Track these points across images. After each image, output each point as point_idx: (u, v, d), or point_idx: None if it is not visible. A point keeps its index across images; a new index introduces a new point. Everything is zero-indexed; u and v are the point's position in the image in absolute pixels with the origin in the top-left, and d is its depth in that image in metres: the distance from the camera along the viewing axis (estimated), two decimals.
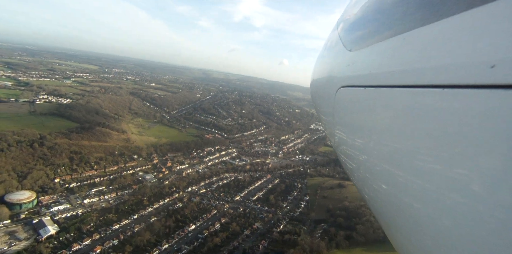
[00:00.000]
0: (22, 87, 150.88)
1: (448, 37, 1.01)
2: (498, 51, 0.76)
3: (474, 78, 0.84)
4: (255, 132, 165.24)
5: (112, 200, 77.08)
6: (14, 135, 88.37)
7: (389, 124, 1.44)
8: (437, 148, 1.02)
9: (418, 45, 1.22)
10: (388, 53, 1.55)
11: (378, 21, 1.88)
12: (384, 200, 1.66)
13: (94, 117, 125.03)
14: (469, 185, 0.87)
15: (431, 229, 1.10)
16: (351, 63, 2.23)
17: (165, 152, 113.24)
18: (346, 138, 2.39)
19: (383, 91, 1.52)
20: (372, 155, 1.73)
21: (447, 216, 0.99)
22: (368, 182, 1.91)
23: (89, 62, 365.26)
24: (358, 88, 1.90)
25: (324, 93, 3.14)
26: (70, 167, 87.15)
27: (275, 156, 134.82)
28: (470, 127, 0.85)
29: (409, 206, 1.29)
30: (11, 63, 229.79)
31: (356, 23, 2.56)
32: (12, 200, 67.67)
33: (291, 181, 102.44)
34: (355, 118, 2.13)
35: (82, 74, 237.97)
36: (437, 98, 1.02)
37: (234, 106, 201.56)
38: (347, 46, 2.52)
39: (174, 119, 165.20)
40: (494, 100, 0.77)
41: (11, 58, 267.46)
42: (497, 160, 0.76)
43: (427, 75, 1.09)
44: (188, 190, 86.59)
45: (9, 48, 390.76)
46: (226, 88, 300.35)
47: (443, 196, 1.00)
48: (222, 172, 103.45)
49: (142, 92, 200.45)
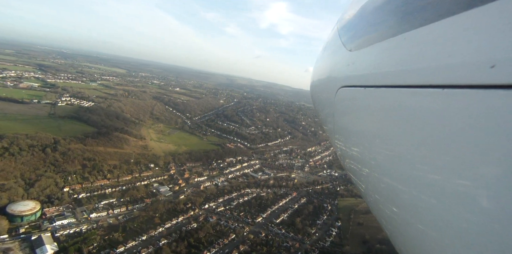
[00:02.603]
0: (47, 89, 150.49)
1: (448, 37, 1.02)
2: (498, 51, 0.76)
3: (474, 78, 0.84)
4: (279, 142, 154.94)
5: (121, 216, 69.47)
6: (27, 139, 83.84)
7: (389, 124, 1.44)
8: (437, 148, 1.02)
9: (418, 45, 1.22)
10: (388, 53, 1.56)
11: (378, 21, 1.89)
12: (385, 200, 1.64)
13: (114, 121, 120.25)
14: (469, 185, 0.87)
15: (436, 231, 1.08)
16: (351, 63, 2.26)
17: (184, 162, 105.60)
18: (346, 138, 2.43)
19: (383, 91, 1.52)
20: (373, 155, 1.73)
21: (450, 216, 0.98)
22: (369, 183, 1.90)
23: (118, 66, 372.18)
24: (358, 88, 1.91)
25: (324, 93, 3.15)
26: (81, 175, 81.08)
27: (301, 170, 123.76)
28: (470, 127, 0.85)
29: (410, 206, 1.28)
30: (43, 65, 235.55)
31: (356, 23, 2.58)
32: (13, 212, 61.58)
33: (319, 201, 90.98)
34: (355, 118, 2.15)
35: (109, 77, 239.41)
36: (437, 98, 1.02)
37: (258, 113, 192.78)
38: (347, 46, 2.54)
39: (195, 125, 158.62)
40: (494, 100, 0.77)
41: (44, 60, 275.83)
42: (497, 160, 0.76)
43: (427, 75, 1.10)
44: (204, 207, 77.79)
45: (46, 51, 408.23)
46: (250, 95, 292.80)
47: (443, 195, 1.00)
48: (243, 186, 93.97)
49: (165, 97, 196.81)
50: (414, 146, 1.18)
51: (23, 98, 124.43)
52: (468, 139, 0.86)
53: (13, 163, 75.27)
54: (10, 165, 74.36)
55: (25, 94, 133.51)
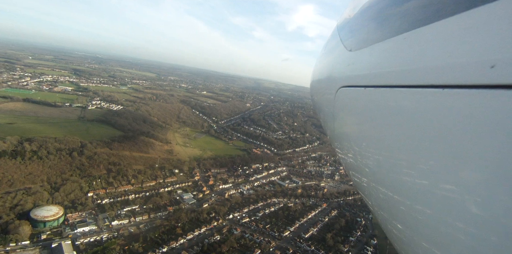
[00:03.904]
0: (79, 92, 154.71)
1: (448, 37, 1.01)
2: (498, 51, 0.76)
3: (474, 78, 0.84)
4: (307, 148, 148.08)
5: (143, 224, 66.86)
6: (56, 142, 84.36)
7: (389, 124, 1.45)
8: (437, 148, 1.01)
9: (418, 45, 1.22)
10: (388, 53, 1.56)
11: (378, 21, 1.90)
12: (384, 200, 1.65)
13: (140, 125, 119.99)
14: (469, 185, 0.87)
15: (436, 230, 1.07)
16: (351, 63, 2.27)
17: (209, 167, 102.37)
18: (346, 138, 2.44)
19: (383, 91, 1.53)
20: (372, 155, 1.73)
21: (450, 216, 0.97)
22: (368, 182, 1.91)
23: (149, 70, 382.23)
24: (358, 88, 1.92)
25: (324, 93, 3.15)
26: (106, 180, 79.96)
27: (330, 179, 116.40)
28: (470, 127, 0.85)
29: (409, 206, 1.29)
30: (78, 69, 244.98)
31: (356, 23, 2.58)
32: (37, 217, 60.69)
33: (352, 215, 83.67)
34: (355, 118, 2.16)
35: (139, 81, 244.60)
36: (437, 98, 1.02)
37: (285, 118, 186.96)
38: (347, 46, 2.54)
39: (221, 129, 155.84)
40: (494, 100, 0.77)
41: (80, 65, 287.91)
42: (497, 160, 0.76)
43: (427, 75, 1.09)
44: (229, 218, 73.55)
45: (82, 56, 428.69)
46: (277, 98, 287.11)
47: (443, 195, 1.00)
48: (269, 196, 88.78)
49: (192, 100, 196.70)
50: (414, 146, 1.18)
51: (55, 102, 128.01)
52: (468, 139, 0.86)
53: (40, 166, 75.56)
54: (37, 169, 74.66)
55: (58, 97, 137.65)
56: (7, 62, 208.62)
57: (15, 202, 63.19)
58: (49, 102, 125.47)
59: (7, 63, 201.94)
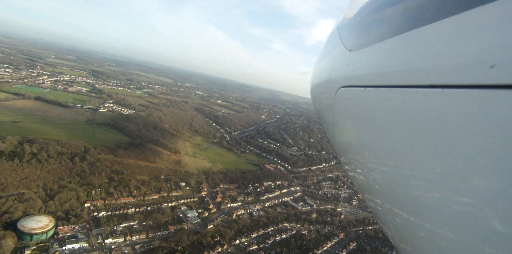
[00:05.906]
0: (93, 94, 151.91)
1: (448, 37, 1.01)
2: (498, 51, 0.76)
3: (474, 78, 0.84)
4: (323, 167, 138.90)
5: (139, 245, 59.63)
6: (58, 145, 79.09)
7: (389, 124, 1.44)
8: (437, 148, 1.01)
9: (418, 45, 1.22)
10: (388, 53, 1.56)
11: (378, 21, 1.89)
12: (386, 202, 1.63)
13: (150, 132, 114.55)
14: (469, 185, 0.86)
15: (440, 233, 1.05)
16: (351, 63, 2.27)
17: (217, 182, 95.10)
18: (346, 138, 2.45)
19: (383, 91, 1.52)
20: (373, 155, 1.73)
21: (451, 217, 0.96)
22: (370, 183, 1.89)
23: (166, 76, 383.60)
24: (358, 88, 1.92)
25: (324, 93, 3.15)
26: (106, 190, 73.70)
27: (348, 203, 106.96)
28: (470, 127, 0.85)
29: (410, 207, 1.27)
30: (97, 71, 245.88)
31: (356, 23, 2.58)
32: (24, 228, 54.38)
33: (373, 250, 74.20)
34: (355, 118, 2.16)
35: (155, 86, 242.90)
36: (437, 98, 1.02)
37: (301, 133, 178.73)
38: (347, 46, 2.54)
39: (234, 141, 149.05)
40: (494, 100, 0.77)
41: (99, 67, 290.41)
42: (497, 160, 0.76)
43: (427, 75, 1.09)
44: (235, 243, 65.58)
45: (104, 58, 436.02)
46: (293, 111, 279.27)
47: (443, 195, 0.99)
48: (281, 219, 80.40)
49: (206, 109, 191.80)
50: (414, 146, 1.17)
51: (67, 102, 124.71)
52: (468, 139, 0.86)
53: (38, 170, 70.12)
54: (35, 173, 69.19)
55: (71, 97, 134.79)
56: (29, 60, 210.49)
57: (4, 209, 57.15)
58: (60, 102, 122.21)
59: (28, 61, 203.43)
